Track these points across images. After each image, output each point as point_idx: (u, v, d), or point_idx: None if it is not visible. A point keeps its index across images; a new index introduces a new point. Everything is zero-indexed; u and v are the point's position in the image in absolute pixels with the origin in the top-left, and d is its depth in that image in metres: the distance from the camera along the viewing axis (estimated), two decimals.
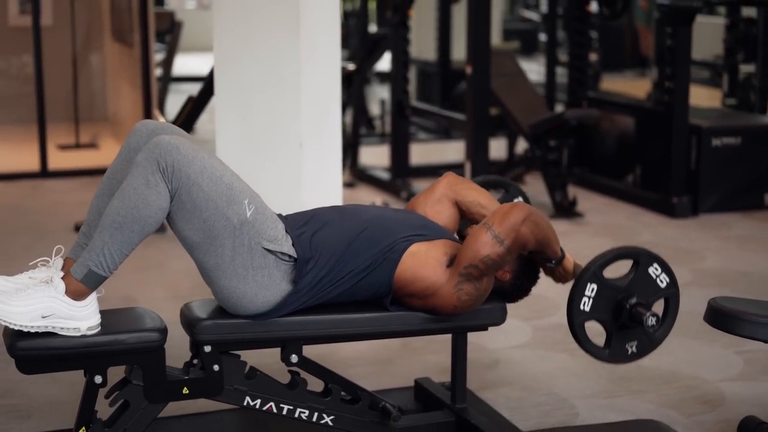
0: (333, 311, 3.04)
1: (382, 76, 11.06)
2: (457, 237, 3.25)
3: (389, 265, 2.98)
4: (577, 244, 5.82)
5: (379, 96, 10.01)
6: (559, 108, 7.95)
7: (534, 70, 10.84)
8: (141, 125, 2.99)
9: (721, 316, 3.06)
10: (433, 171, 7.08)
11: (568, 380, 3.88)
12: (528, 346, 4.23)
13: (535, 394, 3.76)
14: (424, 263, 2.99)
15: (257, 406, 3.07)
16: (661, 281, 3.11)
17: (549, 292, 4.86)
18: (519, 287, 3.20)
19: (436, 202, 3.31)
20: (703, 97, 8.75)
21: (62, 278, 2.79)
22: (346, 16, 11.27)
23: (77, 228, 5.99)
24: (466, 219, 3.34)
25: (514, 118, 6.71)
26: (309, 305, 2.98)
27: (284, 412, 3.10)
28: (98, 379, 2.89)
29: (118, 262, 2.80)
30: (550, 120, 6.42)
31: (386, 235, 3.01)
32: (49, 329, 2.78)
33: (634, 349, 3.14)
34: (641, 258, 3.09)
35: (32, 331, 2.76)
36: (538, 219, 3.00)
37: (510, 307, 4.55)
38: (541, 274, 3.27)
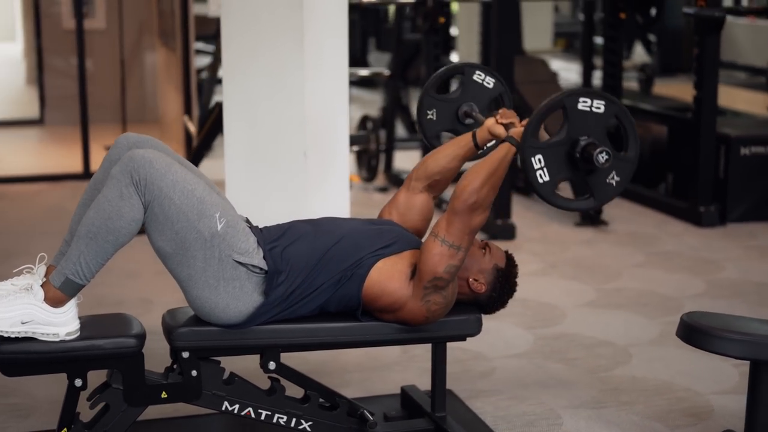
0: (309, 320, 3.12)
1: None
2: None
3: (357, 280, 3.06)
4: (599, 252, 5.85)
5: None
6: None
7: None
8: (123, 138, 3.10)
9: (693, 332, 3.09)
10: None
11: (559, 390, 3.91)
12: (526, 355, 4.27)
13: (524, 403, 3.81)
14: (390, 278, 3.06)
15: (235, 411, 3.17)
16: (598, 108, 2.92)
17: (559, 301, 4.93)
18: (495, 299, 3.25)
19: (401, 204, 3.39)
20: (758, 104, 8.69)
21: (42, 286, 2.90)
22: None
23: None
24: (443, 186, 3.39)
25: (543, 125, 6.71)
26: (282, 317, 3.07)
27: (262, 418, 3.19)
28: (78, 382, 3.01)
29: (95, 270, 2.91)
30: None
31: (356, 251, 3.09)
32: (30, 335, 2.90)
33: (615, 178, 2.99)
34: (565, 101, 2.92)
35: (12, 336, 2.89)
36: (479, 197, 2.95)
37: (515, 315, 4.67)
38: (519, 287, 3.31)
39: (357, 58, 13.69)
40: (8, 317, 2.87)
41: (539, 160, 2.90)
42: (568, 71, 12.47)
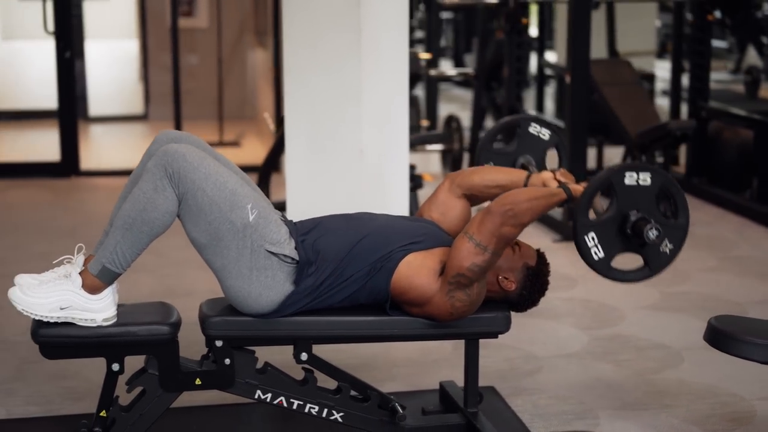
0: (338, 313, 3.20)
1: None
2: None
3: (386, 273, 3.12)
4: None
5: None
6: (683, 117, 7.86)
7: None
8: (162, 134, 3.22)
9: (718, 336, 3.08)
10: None
11: (603, 391, 3.92)
12: (576, 356, 4.28)
13: (565, 402, 3.83)
14: (418, 272, 3.12)
15: (268, 400, 3.26)
16: (645, 180, 3.03)
17: (620, 303, 4.92)
18: (525, 297, 3.27)
19: (441, 204, 3.43)
20: None
21: (80, 273, 3.04)
22: None
23: None
24: (476, 202, 3.43)
25: (623, 127, 6.70)
26: (313, 307, 3.15)
27: (294, 407, 3.27)
28: (115, 366, 3.14)
29: (130, 259, 3.04)
30: (654, 130, 6.40)
31: (385, 244, 3.15)
32: (68, 320, 3.04)
33: (669, 246, 3.08)
34: (612, 178, 3.02)
35: (51, 320, 3.03)
36: (517, 208, 3.00)
37: (574, 315, 4.69)
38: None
39: (458, 57, 13.79)
40: (48, 302, 3.01)
41: (592, 237, 3.01)
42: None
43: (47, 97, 8.80)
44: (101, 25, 14.11)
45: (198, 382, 3.21)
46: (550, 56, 11.37)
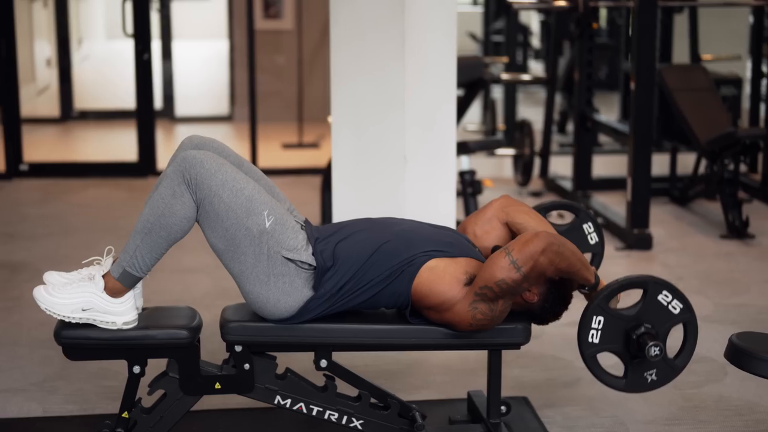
0: (357, 320, 3.21)
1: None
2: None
3: (407, 277, 3.13)
4: (735, 266, 5.70)
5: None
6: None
7: None
8: (188, 140, 3.28)
9: (737, 353, 3.03)
10: (619, 183, 6.99)
11: (638, 404, 3.87)
12: (617, 367, 4.20)
13: (596, 415, 3.79)
14: (440, 278, 3.12)
15: (288, 406, 3.29)
16: (674, 308, 3.12)
17: None
18: (548, 310, 3.25)
19: (486, 222, 3.43)
20: None
21: (103, 276, 3.11)
22: None
23: None
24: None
25: (694, 134, 6.59)
26: (333, 311, 3.17)
27: (314, 413, 3.31)
28: (136, 369, 3.20)
29: (150, 264, 3.09)
30: (723, 137, 6.27)
31: (407, 249, 3.16)
32: (90, 321, 3.11)
33: (654, 377, 3.17)
34: (649, 286, 3.11)
35: (73, 321, 3.10)
36: (562, 249, 3.05)
37: None
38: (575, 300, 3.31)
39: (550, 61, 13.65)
40: (70, 303, 3.08)
41: (599, 321, 3.09)
42: None
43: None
44: (191, 25, 14.31)
45: (217, 386, 3.25)
46: None
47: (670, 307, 3.11)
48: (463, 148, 5.95)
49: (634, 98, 5.91)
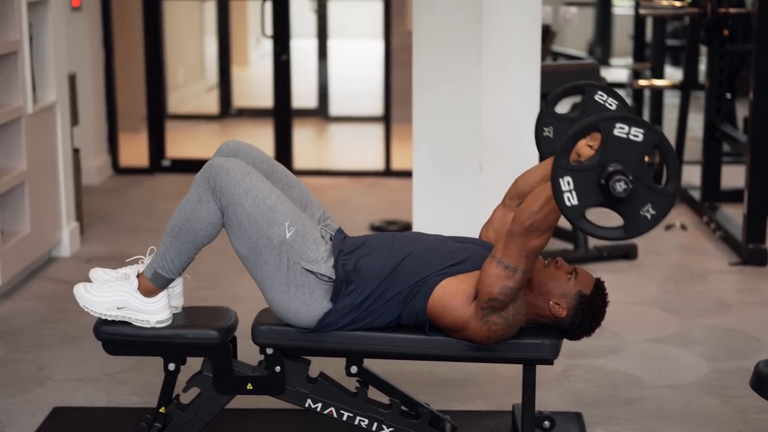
0: (384, 329, 3.23)
1: None
2: None
3: (422, 297, 3.15)
4: None
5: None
6: None
7: None
8: (224, 145, 3.36)
9: (762, 382, 2.92)
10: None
11: (695, 427, 3.77)
12: (686, 387, 4.11)
13: None
14: (453, 296, 3.11)
15: (318, 409, 3.34)
16: (635, 136, 2.78)
17: (763, 333, 4.67)
18: (577, 326, 3.20)
19: (495, 223, 3.42)
20: None
21: (138, 276, 3.23)
22: None
23: (372, 228, 6.44)
24: None
25: None
26: (356, 327, 3.20)
27: (344, 418, 3.35)
28: (171, 366, 3.32)
29: (179, 266, 3.20)
30: None
31: (424, 268, 3.17)
32: (125, 319, 3.24)
33: (651, 211, 2.83)
34: (599, 125, 2.80)
35: (109, 318, 3.24)
36: (535, 221, 2.92)
37: (708, 344, 4.52)
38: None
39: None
40: (106, 301, 3.22)
41: (568, 182, 2.81)
42: None
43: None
44: (349, 25, 14.46)
45: (249, 386, 3.33)
46: None
47: (630, 137, 2.78)
48: None
49: (752, 107, 5.71)
